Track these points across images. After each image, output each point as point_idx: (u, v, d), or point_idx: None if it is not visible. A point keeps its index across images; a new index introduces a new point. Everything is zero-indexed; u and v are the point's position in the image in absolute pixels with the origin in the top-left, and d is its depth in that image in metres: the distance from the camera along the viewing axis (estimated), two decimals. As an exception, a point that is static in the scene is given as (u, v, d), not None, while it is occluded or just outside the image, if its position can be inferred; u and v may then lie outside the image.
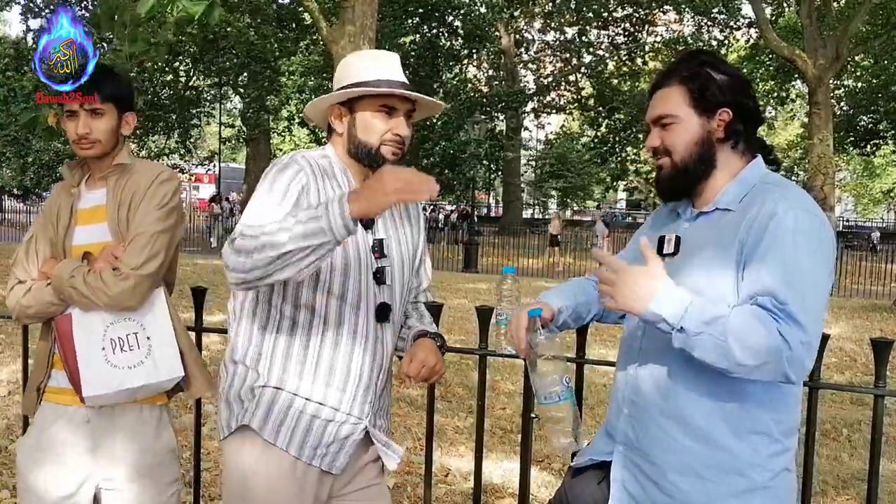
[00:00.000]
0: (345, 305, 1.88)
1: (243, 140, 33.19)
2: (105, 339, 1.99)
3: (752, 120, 1.74)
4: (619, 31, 29.86)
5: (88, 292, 1.96)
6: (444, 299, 2.20)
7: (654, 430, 1.71)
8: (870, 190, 48.62)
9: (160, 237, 2.03)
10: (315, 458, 1.88)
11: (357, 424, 1.92)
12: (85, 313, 2.00)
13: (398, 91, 1.87)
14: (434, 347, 1.96)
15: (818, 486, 4.28)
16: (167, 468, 2.15)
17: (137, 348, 2.02)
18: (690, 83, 1.71)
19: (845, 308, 12.84)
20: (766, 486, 1.65)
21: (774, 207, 1.59)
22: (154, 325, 2.05)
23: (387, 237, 1.96)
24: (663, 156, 1.74)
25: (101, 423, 2.08)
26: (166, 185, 2.09)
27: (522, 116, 33.46)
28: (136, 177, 2.10)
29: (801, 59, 17.80)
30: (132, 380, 2.00)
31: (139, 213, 2.05)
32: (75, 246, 2.09)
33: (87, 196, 2.14)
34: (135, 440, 2.10)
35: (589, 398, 5.31)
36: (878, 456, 2.10)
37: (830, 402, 6.17)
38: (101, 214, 2.10)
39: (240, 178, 30.18)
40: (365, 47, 10.37)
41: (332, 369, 1.88)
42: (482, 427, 2.47)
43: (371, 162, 1.90)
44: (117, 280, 1.96)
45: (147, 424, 2.12)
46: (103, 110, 2.07)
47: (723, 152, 1.72)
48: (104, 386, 1.98)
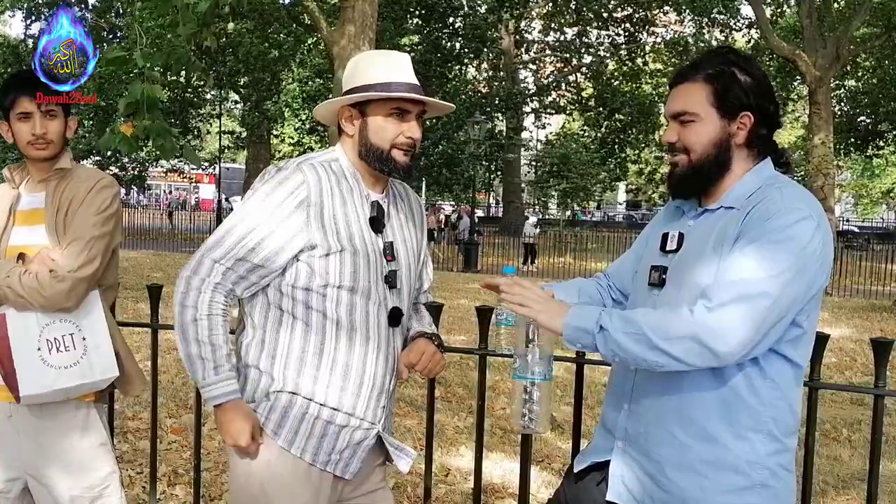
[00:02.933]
0: (358, 309, 1.87)
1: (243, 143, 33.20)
2: (41, 340, 2.02)
3: (771, 124, 1.73)
4: (618, 32, 29.84)
5: (23, 292, 1.98)
6: (444, 299, 2.20)
7: (653, 427, 1.72)
8: (870, 190, 48.59)
9: (97, 242, 2.07)
10: (329, 464, 1.88)
11: (370, 430, 1.92)
12: (20, 314, 2.02)
13: (410, 94, 1.85)
14: (432, 344, 1.98)
15: (818, 486, 4.28)
16: (98, 461, 2.18)
17: (73, 349, 2.05)
18: (715, 82, 1.68)
19: (845, 308, 12.83)
20: (764, 485, 1.65)
21: (775, 207, 1.59)
22: (90, 326, 2.08)
23: (395, 240, 1.95)
24: (681, 153, 1.73)
25: (26, 419, 2.11)
26: (105, 191, 2.13)
27: (523, 117, 33.47)
28: (76, 182, 2.13)
29: (802, 60, 17.79)
30: (67, 379, 2.03)
31: (77, 217, 2.08)
32: (11, 246, 2.11)
33: (27, 198, 2.17)
34: (62, 435, 2.13)
35: (589, 398, 5.30)
36: (878, 456, 2.11)
37: (830, 402, 6.17)
38: (39, 217, 2.12)
39: (240, 178, 30.17)
40: (365, 48, 10.35)
41: (346, 374, 1.87)
42: (482, 427, 2.47)
43: (381, 165, 1.88)
44: (53, 282, 1.99)
45: (74, 420, 2.15)
46: (56, 112, 2.11)
47: (738, 155, 1.71)
48: (40, 385, 2.00)
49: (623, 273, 1.98)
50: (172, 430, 4.82)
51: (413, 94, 1.85)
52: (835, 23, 19.37)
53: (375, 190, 1.94)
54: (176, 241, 22.57)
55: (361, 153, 1.89)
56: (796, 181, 1.80)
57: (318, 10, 11.94)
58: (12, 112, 2.11)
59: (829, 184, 17.96)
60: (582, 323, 1.63)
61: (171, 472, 4.11)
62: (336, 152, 1.95)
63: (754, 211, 1.61)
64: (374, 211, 1.90)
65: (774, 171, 1.73)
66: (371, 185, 1.93)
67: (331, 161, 1.91)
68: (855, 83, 29.13)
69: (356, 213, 1.87)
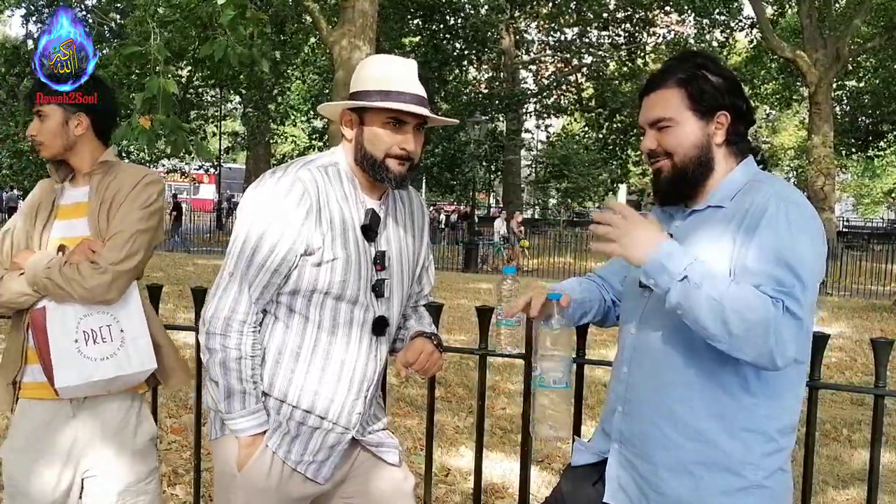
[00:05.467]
0: (341, 314, 1.86)
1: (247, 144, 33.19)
2: (78, 331, 2.01)
3: (746, 121, 1.75)
4: (618, 32, 29.83)
5: (64, 283, 1.97)
6: (444, 299, 2.20)
7: (647, 428, 1.72)
8: (871, 190, 48.59)
9: (141, 236, 2.06)
10: (301, 465, 1.88)
11: (344, 434, 1.92)
12: (59, 305, 2.01)
13: (405, 106, 1.80)
14: (430, 343, 1.97)
15: (818, 486, 4.28)
16: (147, 457, 2.20)
17: (111, 340, 2.04)
18: (688, 85, 1.70)
19: (845, 308, 12.82)
20: (760, 486, 1.65)
21: (766, 203, 1.61)
22: (128, 318, 2.07)
23: (388, 249, 1.94)
24: (663, 158, 1.73)
25: (84, 416, 2.10)
26: (151, 187, 2.13)
27: (524, 119, 33.44)
28: (122, 176, 2.13)
29: (802, 60, 17.80)
30: (104, 371, 2.02)
31: (122, 210, 2.07)
32: (52, 239, 2.11)
33: (70, 192, 2.17)
34: (117, 431, 2.13)
35: (589, 398, 5.30)
36: (878, 456, 2.10)
37: (830, 402, 6.16)
38: (81, 210, 2.12)
39: (240, 178, 30.17)
40: (365, 48, 10.36)
41: (321, 379, 1.87)
42: (482, 427, 2.47)
43: (375, 173, 1.86)
44: (95, 273, 1.98)
45: (128, 415, 2.15)
46: (46, 112, 2.10)
47: (720, 154, 1.73)
48: (76, 377, 1.99)
49: (613, 275, 1.99)
50: (172, 430, 4.82)
51: (410, 106, 1.81)
52: (835, 23, 19.36)
53: (373, 195, 1.93)
54: (173, 241, 22.55)
55: (357, 158, 1.88)
56: (793, 181, 1.81)
57: (318, 10, 11.94)
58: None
59: (830, 184, 17.96)
60: (669, 263, 1.55)
61: (171, 472, 4.11)
62: (337, 155, 1.94)
63: (763, 218, 1.59)
64: (368, 219, 1.89)
65: (757, 168, 1.75)
66: (368, 190, 1.92)
67: (329, 165, 1.90)
68: (856, 83, 29.12)
69: (351, 219, 1.87)
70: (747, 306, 1.49)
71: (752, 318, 1.49)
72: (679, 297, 1.54)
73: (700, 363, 1.63)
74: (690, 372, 1.64)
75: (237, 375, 1.82)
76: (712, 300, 1.50)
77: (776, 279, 1.53)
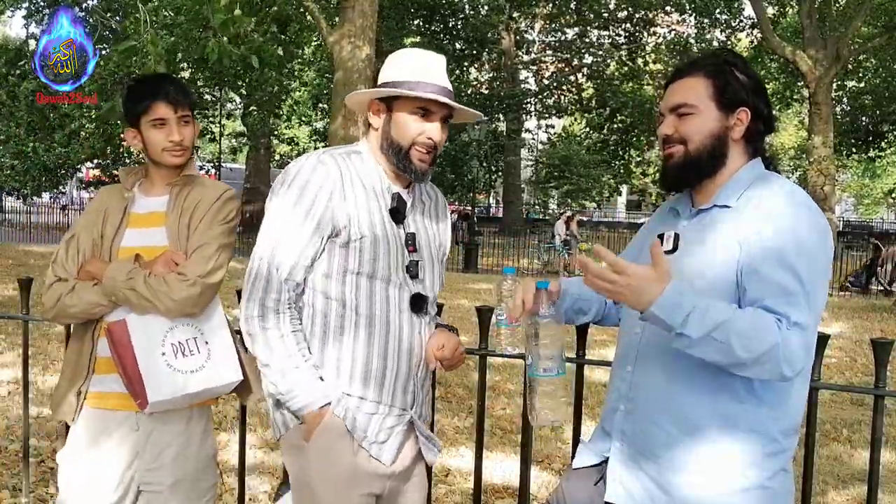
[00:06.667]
0: (377, 295, 1.88)
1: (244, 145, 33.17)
2: (165, 345, 1.98)
3: (766, 126, 1.76)
4: (619, 32, 29.80)
5: (150, 295, 1.94)
6: (444, 299, 2.20)
7: (650, 427, 1.72)
8: (871, 190, 48.58)
9: (224, 251, 2.07)
10: (364, 441, 1.88)
11: (402, 416, 1.93)
12: (141, 318, 1.98)
13: (436, 96, 1.86)
14: (455, 336, 2.00)
15: (818, 486, 4.28)
16: (208, 473, 2.16)
17: (198, 353, 2.02)
18: (715, 77, 1.72)
19: (845, 308, 12.82)
20: (762, 486, 1.65)
21: (773, 203, 1.62)
22: (211, 331, 2.06)
23: (417, 232, 1.97)
24: (677, 144, 1.74)
25: (150, 428, 2.07)
26: (231, 202, 2.15)
27: (524, 120, 33.42)
28: (200, 189, 2.13)
29: (802, 60, 17.78)
30: (194, 384, 2.00)
31: (204, 224, 2.07)
32: (124, 247, 2.07)
33: (143, 201, 2.14)
34: (182, 445, 2.10)
35: (589, 398, 5.30)
36: (878, 456, 2.10)
37: (830, 402, 6.17)
38: (157, 219, 2.10)
39: (240, 178, 30.12)
40: (366, 48, 10.36)
41: (367, 363, 1.88)
42: (482, 427, 2.47)
43: (399, 162, 1.90)
44: (184, 285, 1.96)
45: (195, 430, 2.12)
46: (189, 118, 2.12)
47: (734, 151, 1.74)
48: (169, 390, 1.97)
49: None
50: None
51: (440, 95, 1.87)
52: (835, 23, 19.35)
53: (398, 184, 1.96)
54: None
55: (383, 147, 1.92)
56: (793, 181, 1.82)
57: (318, 10, 11.93)
58: (145, 118, 2.09)
59: (830, 184, 17.95)
60: (665, 315, 1.54)
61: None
62: (360, 146, 1.98)
63: (770, 222, 1.60)
64: (395, 202, 1.92)
65: (762, 169, 1.76)
66: (393, 179, 1.95)
67: (352, 153, 1.94)
68: (856, 83, 29.10)
69: (377, 203, 1.90)
70: (755, 338, 1.51)
71: (760, 349, 1.51)
72: (682, 347, 1.57)
73: (706, 365, 1.63)
74: (696, 373, 1.65)
75: (284, 352, 1.83)
76: (718, 344, 1.52)
77: (781, 287, 1.55)
